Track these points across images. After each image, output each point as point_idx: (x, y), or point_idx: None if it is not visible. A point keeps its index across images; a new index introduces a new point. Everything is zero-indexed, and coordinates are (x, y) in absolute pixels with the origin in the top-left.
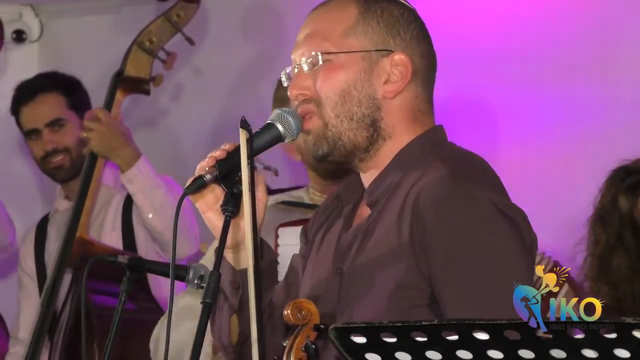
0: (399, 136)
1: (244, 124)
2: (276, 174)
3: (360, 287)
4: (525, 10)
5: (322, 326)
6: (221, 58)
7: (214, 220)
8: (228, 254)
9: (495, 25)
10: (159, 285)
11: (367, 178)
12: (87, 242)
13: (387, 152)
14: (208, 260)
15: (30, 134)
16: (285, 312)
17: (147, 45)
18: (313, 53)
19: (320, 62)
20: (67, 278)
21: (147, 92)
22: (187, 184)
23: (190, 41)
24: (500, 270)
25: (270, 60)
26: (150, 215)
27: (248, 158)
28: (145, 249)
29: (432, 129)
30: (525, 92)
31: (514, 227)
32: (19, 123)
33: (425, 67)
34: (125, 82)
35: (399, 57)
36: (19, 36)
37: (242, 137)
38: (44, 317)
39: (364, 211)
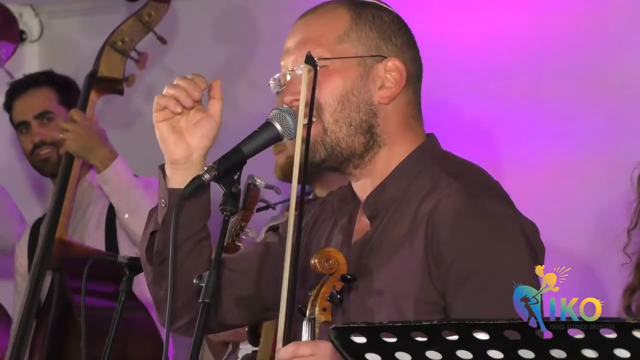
0: (393, 144)
1: (310, 60)
2: (278, 192)
3: (374, 303)
4: (517, 27)
5: (348, 277)
6: (193, 58)
7: (164, 130)
8: (169, 170)
9: (488, 42)
10: (139, 282)
11: (360, 187)
12: (67, 243)
13: (382, 159)
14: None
15: (20, 127)
16: (313, 261)
17: (120, 46)
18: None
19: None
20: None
21: (121, 93)
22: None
23: (162, 40)
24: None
25: (244, 60)
26: (126, 216)
27: (310, 96)
28: (128, 251)
29: (428, 139)
30: (520, 108)
31: (528, 242)
32: (11, 119)
33: (416, 73)
34: (99, 83)
35: (392, 62)
36: (19, 36)
37: (305, 72)
38: (27, 318)
39: (363, 224)
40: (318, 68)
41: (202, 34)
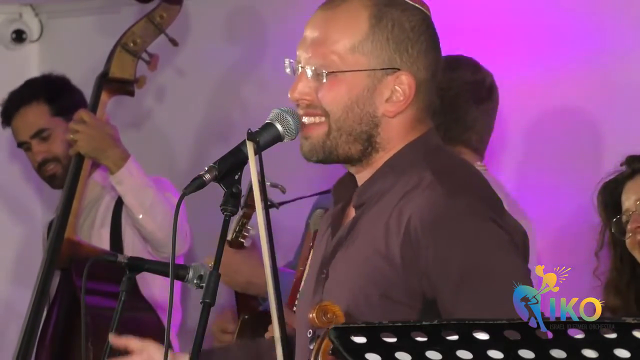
0: (392, 148)
1: (251, 136)
2: (284, 191)
3: (342, 292)
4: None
5: None
6: (204, 59)
7: None
8: None
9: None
10: (147, 284)
11: (359, 178)
12: (75, 243)
13: (381, 160)
14: None
15: (22, 146)
16: (310, 315)
17: (131, 47)
18: (318, 66)
19: (324, 80)
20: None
21: (132, 94)
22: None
23: (173, 42)
24: (510, 287)
25: (252, 61)
26: (141, 216)
27: (258, 173)
28: (132, 249)
29: (425, 134)
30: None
31: (512, 240)
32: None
33: (429, 78)
34: (110, 84)
35: (404, 77)
36: (19, 36)
37: (250, 150)
38: (35, 319)
39: (351, 213)
40: (325, 80)
41: (212, 34)
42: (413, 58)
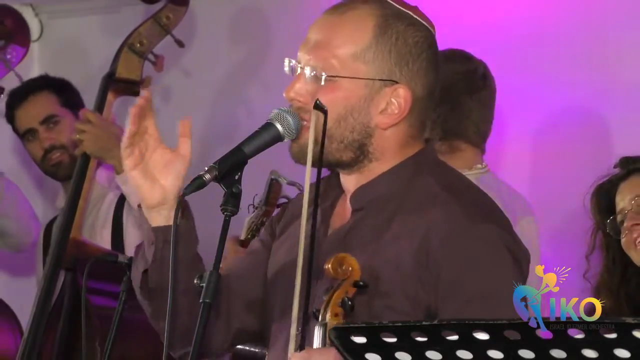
0: (386, 160)
1: (319, 106)
2: (300, 189)
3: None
4: (527, 4)
5: (361, 283)
6: (209, 60)
7: (137, 178)
8: (149, 214)
9: (498, 18)
10: None
11: (346, 180)
12: (80, 243)
13: (372, 169)
14: None
15: (26, 135)
16: (326, 266)
17: (138, 47)
18: (318, 69)
19: (323, 83)
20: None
21: (138, 94)
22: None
23: (179, 43)
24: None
25: (257, 62)
26: None
27: (322, 142)
28: (134, 249)
29: (425, 149)
30: (531, 81)
31: (520, 269)
32: (15, 128)
33: (426, 96)
34: (117, 84)
35: (402, 90)
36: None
37: (314, 118)
38: (39, 319)
39: (345, 212)
40: (323, 83)
41: (218, 35)
42: (412, 73)
